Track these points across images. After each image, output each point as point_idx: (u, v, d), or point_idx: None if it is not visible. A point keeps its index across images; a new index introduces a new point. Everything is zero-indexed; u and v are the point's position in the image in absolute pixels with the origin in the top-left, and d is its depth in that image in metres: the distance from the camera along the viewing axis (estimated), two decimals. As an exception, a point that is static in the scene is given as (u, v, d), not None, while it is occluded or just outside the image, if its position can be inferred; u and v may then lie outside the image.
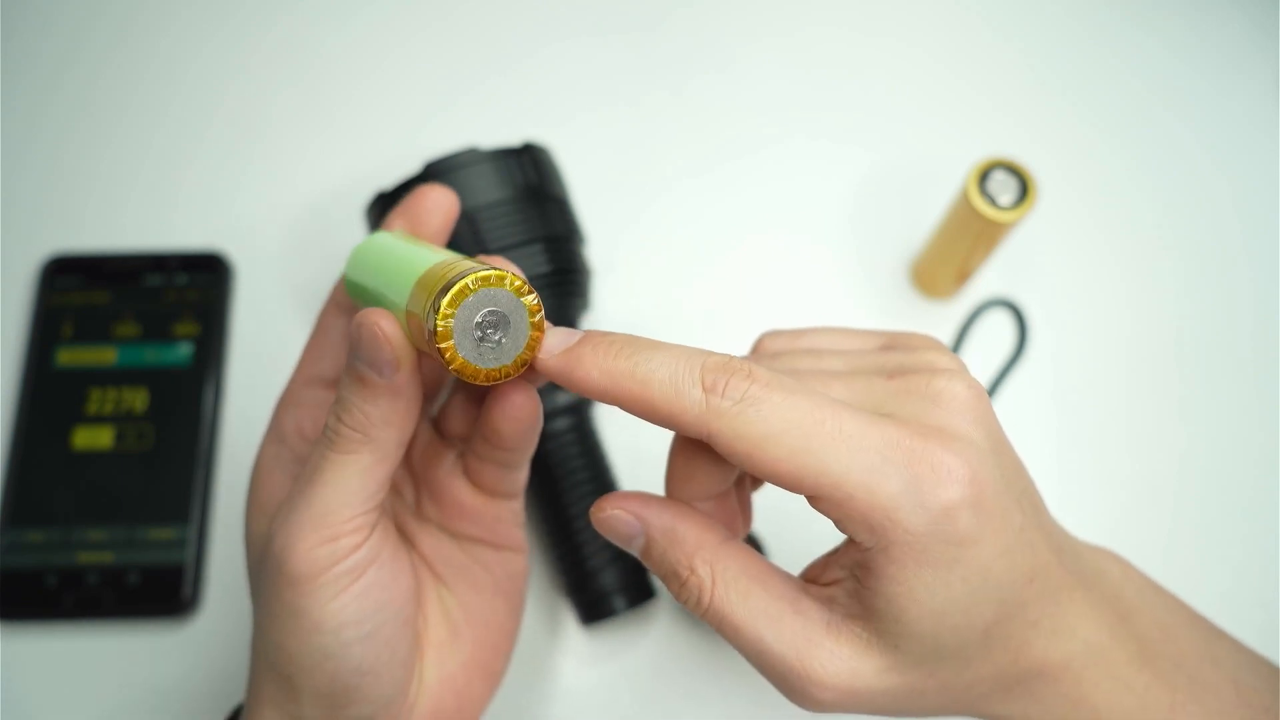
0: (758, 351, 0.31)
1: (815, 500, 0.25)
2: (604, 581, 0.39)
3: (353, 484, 0.27)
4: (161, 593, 0.42)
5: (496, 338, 0.25)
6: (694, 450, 0.28)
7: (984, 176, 0.42)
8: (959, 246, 0.44)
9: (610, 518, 0.27)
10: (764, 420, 0.24)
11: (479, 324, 0.25)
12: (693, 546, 0.27)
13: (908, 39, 0.55)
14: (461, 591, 0.33)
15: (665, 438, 0.39)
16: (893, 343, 0.30)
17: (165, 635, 0.42)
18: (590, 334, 0.26)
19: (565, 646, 0.42)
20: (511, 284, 0.25)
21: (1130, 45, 0.56)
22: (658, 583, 0.41)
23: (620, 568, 0.39)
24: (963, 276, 0.47)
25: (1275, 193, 0.52)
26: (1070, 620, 0.27)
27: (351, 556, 0.27)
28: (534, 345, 0.26)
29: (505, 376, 0.25)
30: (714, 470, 0.28)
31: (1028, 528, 0.26)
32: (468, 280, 0.24)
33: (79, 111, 0.51)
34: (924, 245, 0.48)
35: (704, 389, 0.24)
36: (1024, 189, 0.42)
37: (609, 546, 0.39)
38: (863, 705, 0.26)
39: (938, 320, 0.48)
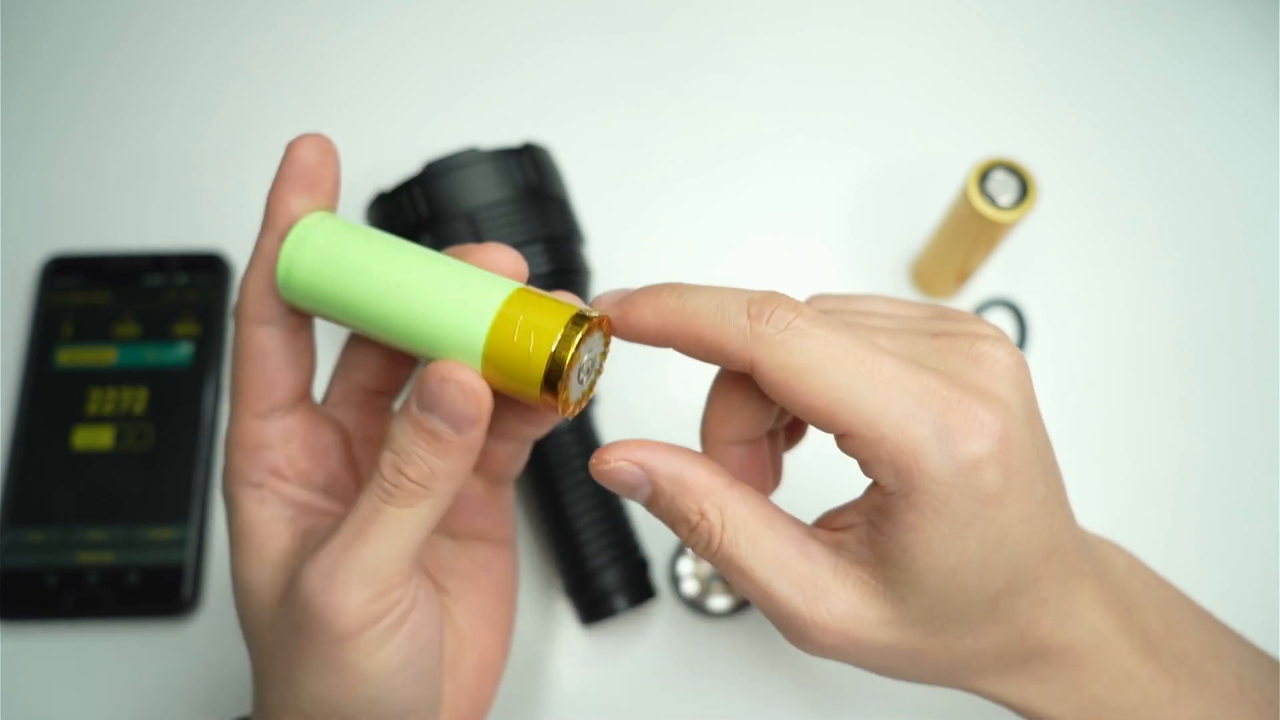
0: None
1: (845, 439, 0.25)
2: (604, 581, 0.39)
3: (407, 537, 0.26)
4: (161, 593, 0.42)
5: (588, 374, 0.26)
6: (733, 389, 0.28)
7: (984, 176, 0.42)
8: (959, 246, 0.44)
9: (614, 469, 0.27)
10: (806, 352, 0.24)
11: (582, 366, 0.26)
12: (702, 492, 0.27)
13: (908, 39, 0.55)
14: (468, 598, 0.32)
15: (668, 434, 0.39)
16: (940, 313, 0.29)
17: (165, 635, 0.42)
18: (644, 287, 0.27)
19: (565, 646, 0.42)
20: (607, 328, 0.26)
21: (1130, 45, 0.55)
22: (658, 583, 0.41)
23: (620, 568, 0.39)
24: (963, 276, 0.47)
25: (1275, 193, 0.52)
26: (1079, 605, 0.27)
27: (399, 606, 0.26)
28: (600, 370, 0.27)
29: (580, 405, 0.27)
30: (752, 411, 0.28)
31: (1050, 501, 0.26)
32: (583, 329, 0.25)
33: (79, 111, 0.51)
34: (924, 245, 0.48)
35: (749, 317, 0.25)
36: (1024, 189, 0.42)
37: (609, 547, 0.39)
38: (863, 655, 0.27)
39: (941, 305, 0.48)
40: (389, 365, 0.31)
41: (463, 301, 0.25)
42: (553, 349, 0.24)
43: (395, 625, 0.26)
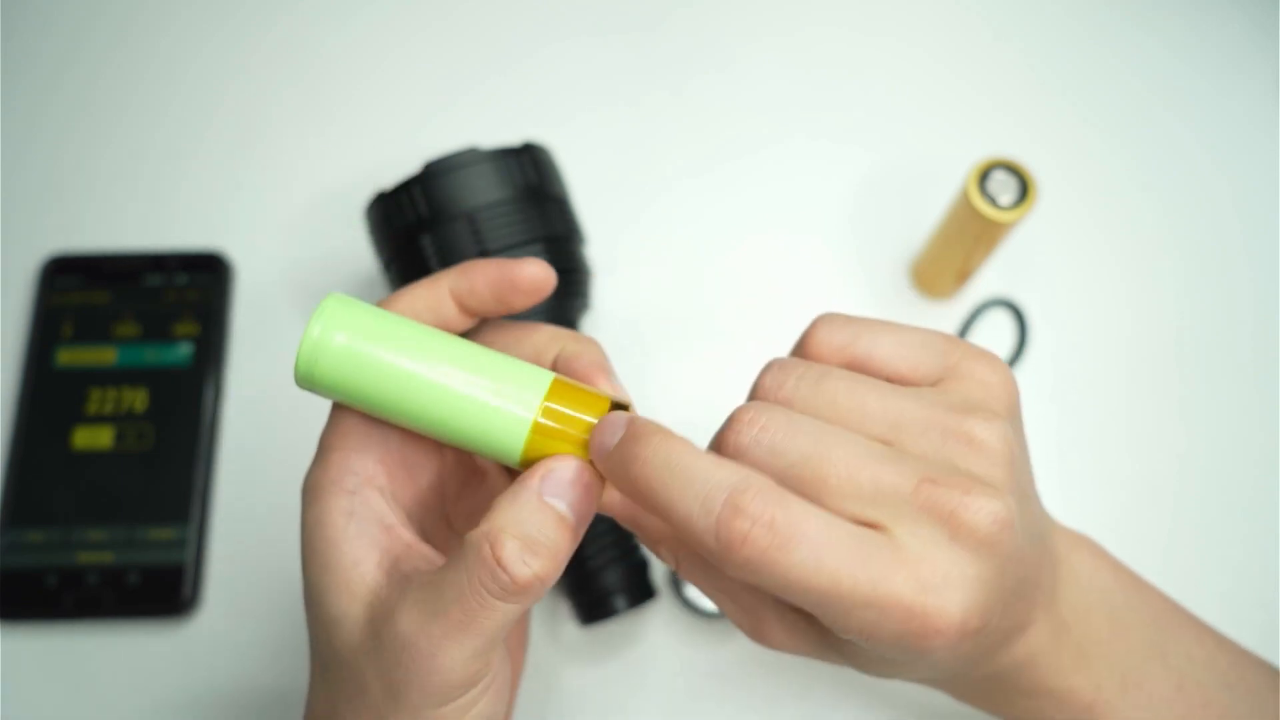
0: (811, 338, 0.30)
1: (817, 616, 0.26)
2: (604, 581, 0.39)
3: (512, 622, 0.26)
4: (161, 593, 0.42)
5: None
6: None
7: (984, 176, 0.42)
8: (959, 246, 0.44)
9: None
10: (774, 577, 0.24)
11: None
12: (656, 537, 0.29)
13: (908, 39, 0.55)
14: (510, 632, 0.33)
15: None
16: (950, 372, 0.28)
17: (165, 635, 0.42)
18: (628, 433, 0.26)
19: (565, 646, 0.42)
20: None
21: (1130, 45, 0.55)
22: (658, 583, 0.41)
23: (620, 568, 0.39)
24: (963, 276, 0.47)
25: (1275, 193, 0.52)
26: (1020, 638, 0.29)
27: (493, 668, 0.27)
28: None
29: None
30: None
31: (1021, 582, 0.27)
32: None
33: (79, 111, 0.51)
34: (924, 245, 0.48)
35: (720, 537, 0.24)
36: (1024, 189, 0.42)
37: (609, 547, 0.39)
38: (810, 656, 0.29)
39: (938, 320, 0.48)
40: None
41: (498, 408, 0.27)
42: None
43: (488, 687, 0.27)
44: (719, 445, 0.27)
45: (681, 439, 0.26)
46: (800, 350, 0.30)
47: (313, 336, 0.27)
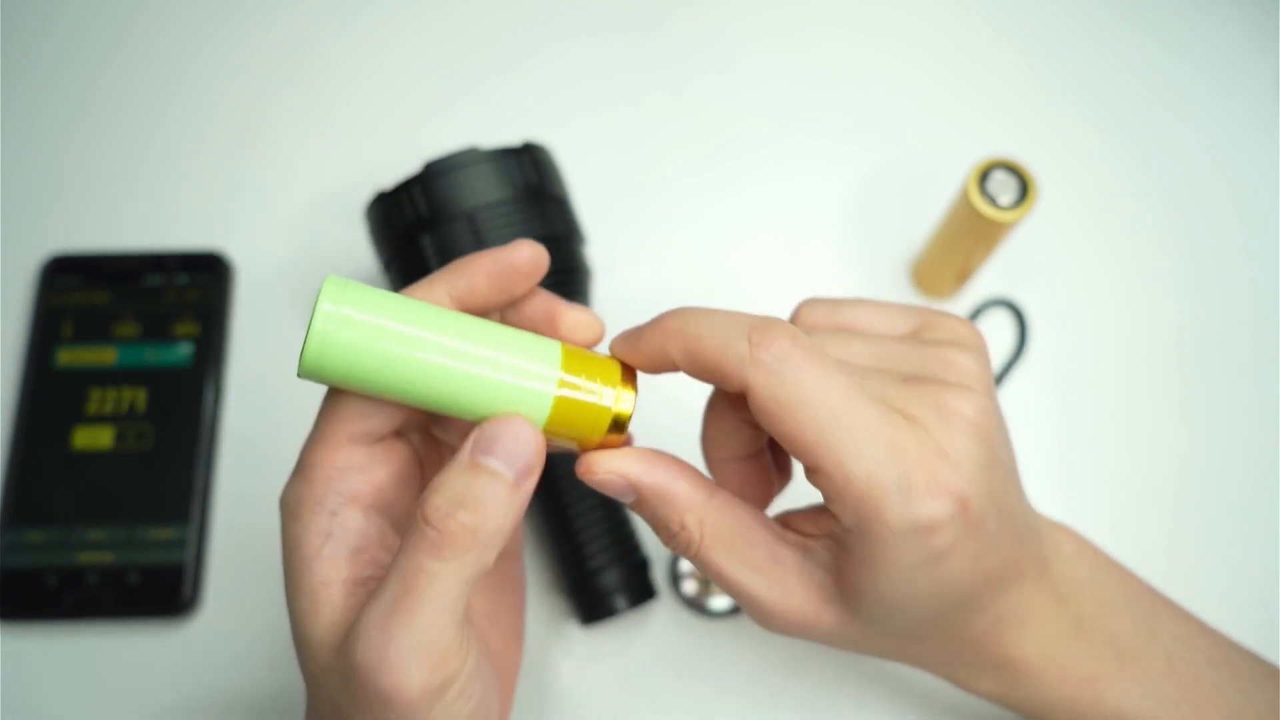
0: (795, 320, 0.32)
1: (814, 474, 0.27)
2: (604, 581, 0.39)
3: (454, 596, 0.25)
4: (161, 593, 0.42)
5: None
6: (725, 413, 0.30)
7: (984, 176, 0.42)
8: (959, 246, 0.44)
9: (600, 480, 0.28)
10: (799, 387, 0.26)
11: None
12: (683, 505, 0.28)
13: (908, 39, 0.55)
14: (499, 618, 0.33)
15: (670, 441, 0.39)
16: (925, 326, 0.31)
17: (165, 635, 0.42)
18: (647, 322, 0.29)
19: (565, 646, 0.42)
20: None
21: (1130, 45, 0.56)
22: (658, 583, 0.41)
23: (621, 568, 0.39)
24: (963, 276, 0.47)
25: (1275, 193, 0.52)
26: (1014, 605, 0.30)
27: (463, 673, 0.26)
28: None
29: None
30: (745, 433, 0.30)
31: (999, 531, 0.28)
32: (634, 383, 0.29)
33: (79, 111, 0.51)
34: (924, 245, 0.48)
35: (750, 343, 0.26)
36: (1024, 189, 0.42)
37: (609, 547, 0.39)
38: (816, 638, 0.30)
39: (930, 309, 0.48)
40: None
41: (518, 385, 0.27)
42: (618, 392, 0.28)
43: (462, 695, 0.26)
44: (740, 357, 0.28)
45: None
46: None
47: (326, 314, 0.25)
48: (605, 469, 0.28)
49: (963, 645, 0.30)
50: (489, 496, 0.25)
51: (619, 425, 0.28)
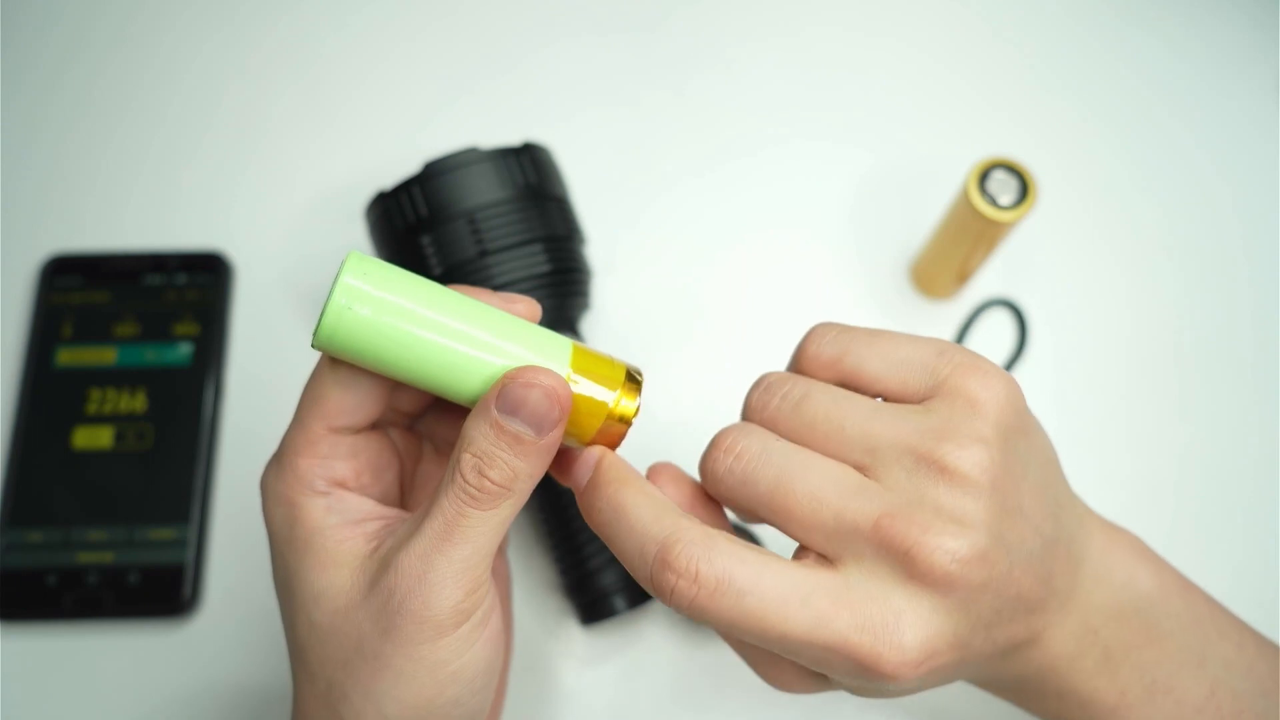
0: (803, 352, 0.30)
1: (798, 658, 0.27)
2: (604, 581, 0.39)
3: (491, 536, 0.27)
4: (161, 593, 0.42)
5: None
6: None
7: (984, 176, 0.42)
8: (959, 246, 0.44)
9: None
10: (712, 620, 0.26)
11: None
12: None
13: (908, 39, 0.55)
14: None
15: (670, 441, 0.39)
16: (940, 379, 0.28)
17: (165, 635, 0.42)
18: (595, 472, 0.28)
19: (565, 647, 0.42)
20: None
21: (1130, 45, 0.55)
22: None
23: (620, 568, 0.39)
24: (963, 276, 0.47)
25: (1275, 193, 0.52)
26: (1035, 649, 0.29)
27: (484, 605, 0.28)
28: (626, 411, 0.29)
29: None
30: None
31: (984, 626, 0.27)
32: (638, 387, 0.29)
33: (79, 111, 0.51)
34: (924, 245, 0.48)
35: (653, 586, 0.26)
36: (1024, 189, 0.42)
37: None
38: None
39: (938, 320, 0.48)
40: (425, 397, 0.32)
41: (531, 338, 0.28)
42: (622, 391, 0.28)
43: (482, 623, 0.28)
44: (701, 469, 0.29)
45: (636, 483, 0.28)
46: (794, 363, 0.31)
47: (346, 288, 0.25)
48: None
49: (974, 674, 0.30)
50: (515, 454, 0.26)
51: (621, 423, 0.28)
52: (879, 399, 0.29)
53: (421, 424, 0.33)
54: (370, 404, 0.29)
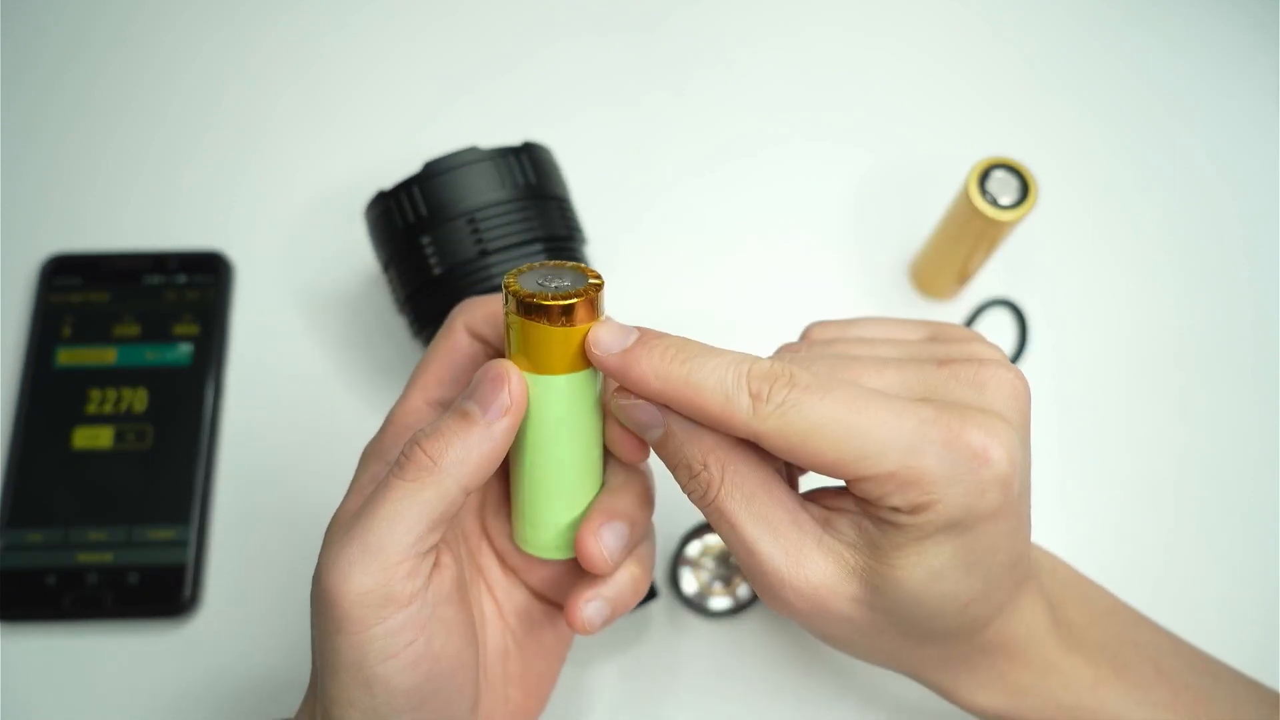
0: (806, 340, 0.31)
1: (858, 484, 0.26)
2: (604, 581, 0.39)
3: (412, 517, 0.26)
4: (161, 593, 0.42)
5: (553, 284, 0.28)
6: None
7: (984, 176, 0.42)
8: (959, 246, 0.44)
9: (633, 405, 0.28)
10: (805, 419, 0.25)
11: (539, 281, 0.28)
12: (709, 444, 0.28)
13: (908, 39, 0.55)
14: (528, 650, 0.33)
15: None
16: (938, 334, 0.31)
17: (165, 635, 0.42)
18: (645, 335, 0.27)
19: (565, 646, 0.42)
20: (575, 266, 0.29)
21: (1130, 45, 0.55)
22: (658, 583, 0.41)
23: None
24: (963, 276, 0.47)
25: (1275, 193, 0.52)
26: (1022, 606, 0.30)
27: (412, 605, 0.26)
28: (593, 293, 0.27)
29: (571, 300, 0.27)
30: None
31: (1026, 516, 0.28)
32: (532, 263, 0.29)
33: (79, 111, 0.51)
34: (924, 245, 0.48)
35: (750, 395, 0.26)
36: (1024, 189, 0.42)
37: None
38: (827, 624, 0.28)
39: (938, 320, 0.48)
40: None
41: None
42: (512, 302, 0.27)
43: (404, 626, 0.26)
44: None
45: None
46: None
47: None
48: (651, 376, 0.27)
49: (973, 649, 0.29)
50: (455, 429, 0.26)
51: (589, 311, 0.27)
52: None
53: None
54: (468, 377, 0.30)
